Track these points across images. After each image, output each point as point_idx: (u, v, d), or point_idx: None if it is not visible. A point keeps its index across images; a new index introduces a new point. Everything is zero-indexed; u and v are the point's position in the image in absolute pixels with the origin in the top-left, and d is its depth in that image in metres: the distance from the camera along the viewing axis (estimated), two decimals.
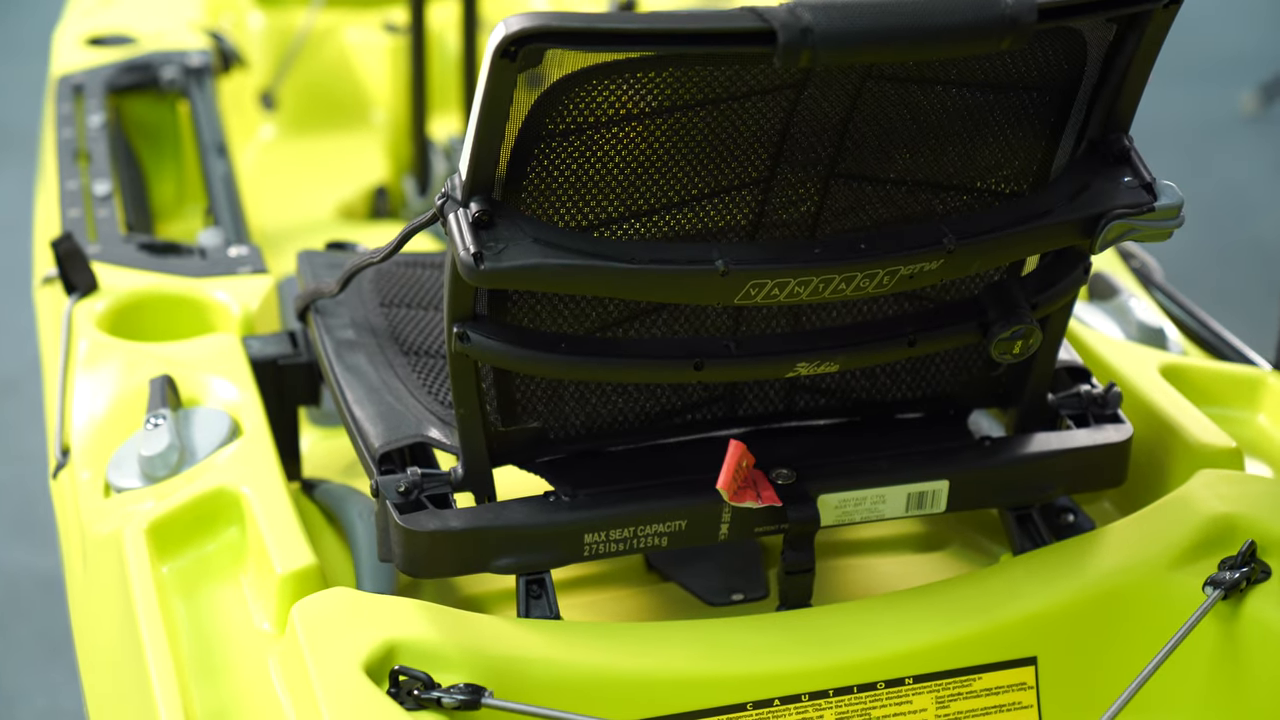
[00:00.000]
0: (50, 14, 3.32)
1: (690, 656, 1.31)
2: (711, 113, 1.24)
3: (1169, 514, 1.43)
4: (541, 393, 1.39)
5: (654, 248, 1.27)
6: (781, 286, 1.27)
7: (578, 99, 1.21)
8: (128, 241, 1.94)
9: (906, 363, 1.46)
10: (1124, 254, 1.96)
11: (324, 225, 2.60)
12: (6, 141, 4.23)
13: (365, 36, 2.99)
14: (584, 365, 1.32)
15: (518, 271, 1.23)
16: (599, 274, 1.25)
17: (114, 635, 1.45)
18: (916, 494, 1.41)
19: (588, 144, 1.24)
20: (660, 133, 1.24)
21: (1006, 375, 1.47)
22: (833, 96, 1.26)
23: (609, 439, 1.41)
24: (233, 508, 1.46)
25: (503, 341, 1.30)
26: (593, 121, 1.23)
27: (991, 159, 1.34)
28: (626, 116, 1.23)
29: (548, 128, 1.23)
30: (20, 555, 2.76)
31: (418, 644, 1.25)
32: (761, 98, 1.24)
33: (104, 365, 1.68)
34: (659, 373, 1.34)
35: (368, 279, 1.65)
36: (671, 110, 1.23)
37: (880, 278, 1.28)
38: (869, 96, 1.26)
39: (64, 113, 2.31)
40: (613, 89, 1.21)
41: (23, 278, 2.91)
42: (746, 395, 1.45)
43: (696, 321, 1.37)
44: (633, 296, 1.31)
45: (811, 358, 1.34)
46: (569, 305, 1.33)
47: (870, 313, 1.39)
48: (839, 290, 1.28)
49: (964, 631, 1.35)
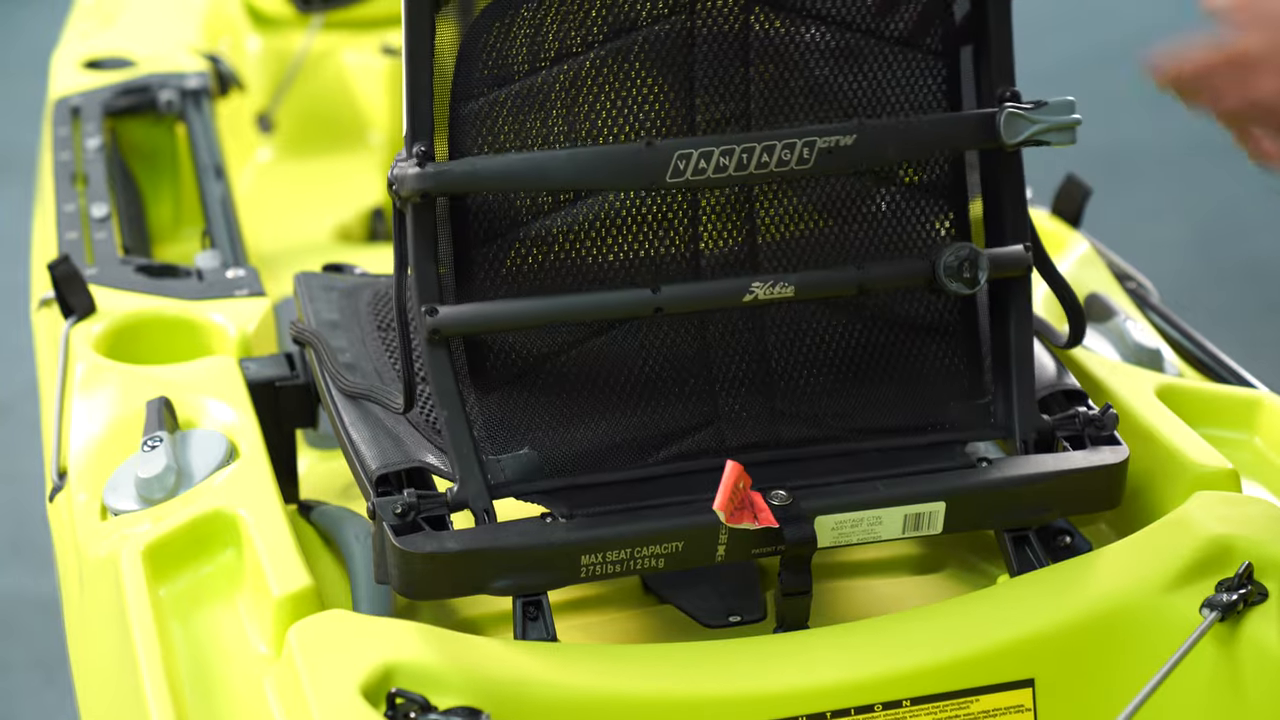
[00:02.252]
0: (47, 36, 3.32)
1: (688, 678, 1.31)
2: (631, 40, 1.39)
3: (1166, 536, 1.43)
4: (526, 411, 1.39)
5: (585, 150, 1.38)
6: (707, 158, 1.37)
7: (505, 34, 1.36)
8: (125, 264, 1.94)
9: (892, 385, 1.47)
10: (1120, 276, 1.96)
11: (321, 247, 2.60)
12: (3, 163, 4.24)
13: (362, 59, 3.00)
14: (548, 306, 1.39)
15: (459, 177, 1.34)
16: (535, 164, 1.36)
17: (111, 657, 1.44)
18: (913, 515, 1.41)
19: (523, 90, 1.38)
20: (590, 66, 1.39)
21: (995, 401, 1.48)
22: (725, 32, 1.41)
23: (599, 468, 1.41)
24: (229, 530, 1.45)
25: (470, 302, 1.37)
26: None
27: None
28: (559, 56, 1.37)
29: (480, 72, 1.36)
30: (15, 578, 2.76)
31: (415, 666, 1.25)
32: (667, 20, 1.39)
33: (101, 388, 1.68)
34: (616, 299, 1.40)
35: (364, 302, 1.65)
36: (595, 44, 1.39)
37: (800, 150, 1.38)
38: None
39: (61, 135, 2.32)
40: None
41: (20, 300, 2.91)
42: (733, 420, 1.45)
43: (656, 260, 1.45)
44: (569, 184, 1.38)
45: (765, 278, 1.41)
46: (523, 241, 1.41)
47: (826, 252, 1.47)
48: (763, 164, 1.38)
49: (961, 653, 1.35)
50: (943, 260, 1.44)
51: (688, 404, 1.45)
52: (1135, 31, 5.19)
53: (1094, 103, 4.85)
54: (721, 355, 1.46)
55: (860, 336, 1.49)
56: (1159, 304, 1.91)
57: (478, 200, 1.40)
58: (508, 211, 1.41)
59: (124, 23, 2.73)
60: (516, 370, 1.42)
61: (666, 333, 1.45)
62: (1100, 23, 5.30)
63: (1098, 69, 4.88)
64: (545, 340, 1.43)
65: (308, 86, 2.98)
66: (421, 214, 1.37)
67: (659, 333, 1.45)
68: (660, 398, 1.44)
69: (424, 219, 1.37)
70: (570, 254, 1.42)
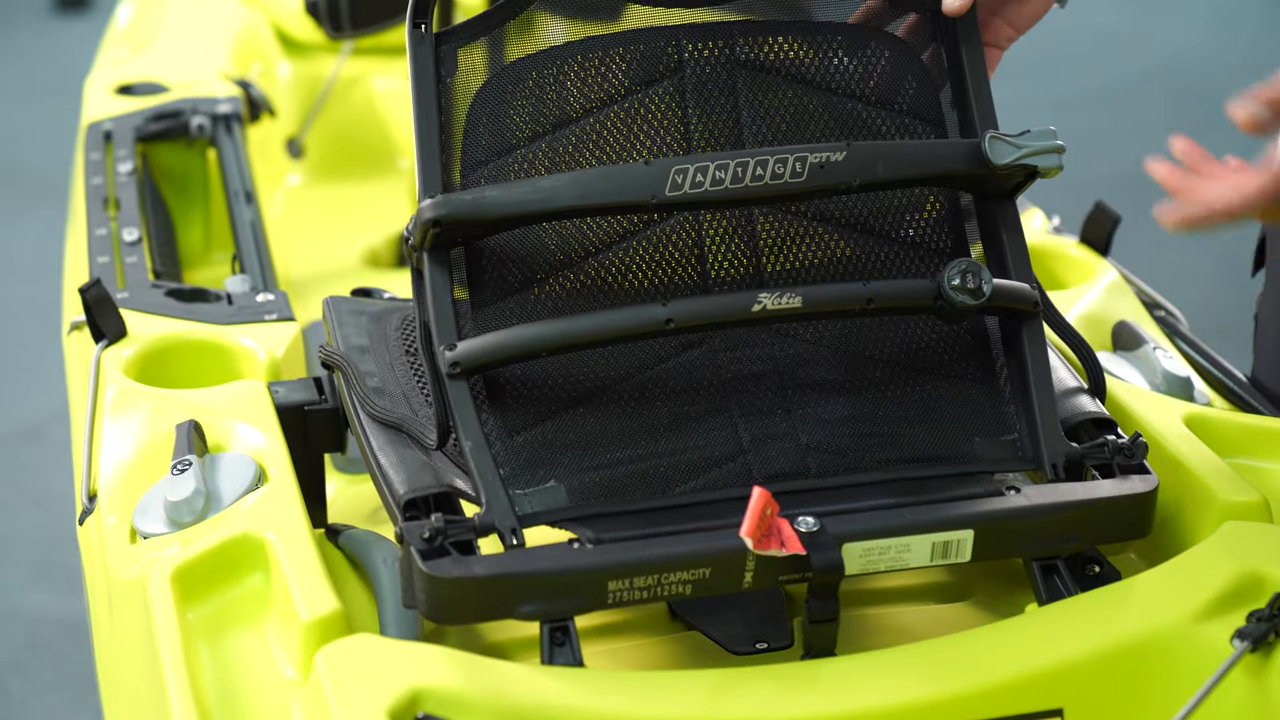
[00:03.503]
0: (80, 61, 3.35)
1: (715, 706, 1.31)
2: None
3: (1196, 566, 1.42)
4: (550, 449, 1.41)
5: (587, 171, 1.46)
6: (703, 172, 1.42)
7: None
8: (156, 288, 1.95)
9: (913, 423, 1.48)
10: (1149, 304, 1.95)
11: (350, 272, 2.61)
12: (36, 188, 4.27)
13: (392, 84, 3.01)
14: (563, 328, 1.42)
15: (467, 205, 1.41)
16: (540, 188, 1.42)
17: (139, 680, 1.45)
18: (942, 543, 1.41)
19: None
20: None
21: (1020, 434, 1.48)
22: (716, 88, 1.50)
23: (625, 499, 1.41)
24: (258, 554, 1.46)
25: (489, 331, 1.42)
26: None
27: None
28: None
29: (484, 140, 1.46)
30: (43, 600, 2.77)
31: (442, 691, 1.25)
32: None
33: (131, 411, 1.69)
34: (630, 317, 1.43)
35: (393, 326, 1.66)
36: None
37: (792, 164, 1.42)
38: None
39: (93, 160, 2.33)
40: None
41: (50, 323, 2.93)
42: (759, 452, 1.45)
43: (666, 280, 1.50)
44: (573, 205, 1.43)
45: (773, 290, 1.44)
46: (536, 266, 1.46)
47: (832, 270, 1.52)
48: (757, 176, 1.42)
49: (990, 682, 1.34)
50: (946, 275, 1.46)
51: (711, 438, 1.46)
52: (1165, 58, 5.18)
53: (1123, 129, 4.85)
54: (739, 390, 1.48)
55: (876, 375, 1.50)
56: (1188, 332, 1.91)
57: (490, 243, 1.45)
58: (519, 249, 1.45)
59: (156, 49, 2.74)
60: (540, 411, 1.44)
61: (684, 367, 1.47)
62: (1130, 50, 5.30)
63: (1127, 95, 4.88)
64: (566, 376, 1.45)
65: (337, 112, 2.99)
66: (437, 254, 1.43)
67: (678, 369, 1.47)
68: (683, 433, 1.45)
69: (439, 258, 1.43)
70: (581, 285, 1.46)
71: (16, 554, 2.86)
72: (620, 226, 1.49)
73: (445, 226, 1.42)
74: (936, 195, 1.54)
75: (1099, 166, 4.05)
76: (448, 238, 1.44)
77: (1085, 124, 4.54)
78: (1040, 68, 5.01)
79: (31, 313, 3.59)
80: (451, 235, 1.44)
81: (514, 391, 1.44)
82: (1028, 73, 4.95)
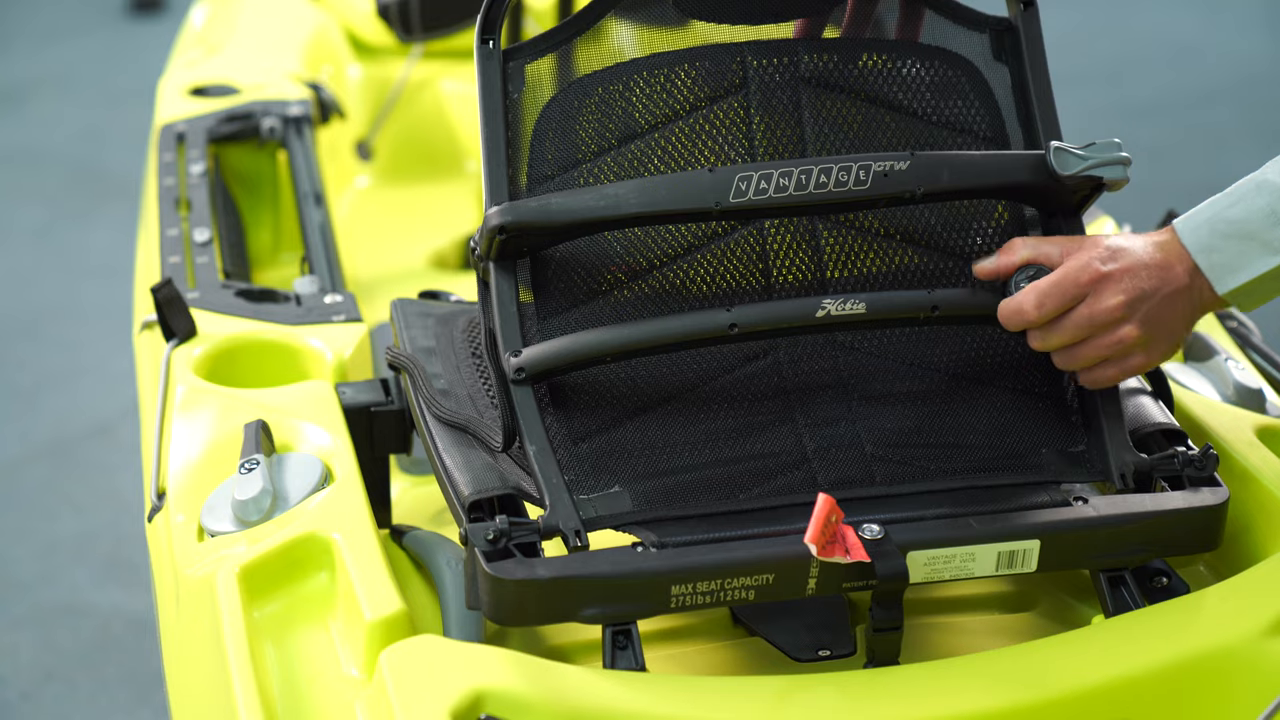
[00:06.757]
0: (154, 63, 3.39)
1: (777, 712, 1.31)
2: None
3: (1266, 580, 1.40)
4: (614, 456, 1.41)
5: (652, 179, 1.46)
6: (766, 179, 1.42)
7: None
8: (225, 288, 1.96)
9: (980, 434, 1.47)
10: (1221, 316, 1.93)
11: (417, 274, 2.63)
12: (110, 188, 4.31)
13: (460, 88, 3.03)
14: (627, 333, 1.43)
15: (534, 210, 1.42)
16: (606, 195, 1.42)
17: (205, 677, 1.46)
18: (1007, 553, 1.40)
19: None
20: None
21: (1089, 445, 1.46)
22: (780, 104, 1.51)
23: (689, 505, 1.41)
24: (323, 553, 1.47)
25: (554, 338, 1.42)
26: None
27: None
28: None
29: (550, 154, 1.47)
30: (112, 596, 2.79)
31: (504, 693, 1.25)
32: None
33: (200, 410, 1.70)
34: (694, 322, 1.43)
35: (459, 329, 1.67)
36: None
37: (856, 172, 1.42)
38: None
39: (166, 161, 2.35)
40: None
41: (121, 322, 2.96)
42: (824, 460, 1.45)
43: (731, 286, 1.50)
44: (638, 211, 1.43)
45: (837, 296, 1.44)
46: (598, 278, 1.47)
47: (895, 279, 1.52)
48: (821, 184, 1.42)
49: (1055, 694, 1.33)
50: (1013, 281, 1.45)
51: (775, 446, 1.46)
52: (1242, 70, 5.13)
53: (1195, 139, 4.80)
54: (803, 400, 1.48)
55: (940, 386, 1.50)
56: (1260, 343, 1.88)
57: (555, 253, 1.45)
58: (585, 259, 1.46)
59: (229, 51, 2.77)
60: (605, 419, 1.44)
61: (749, 378, 1.47)
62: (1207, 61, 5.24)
63: (1201, 106, 4.83)
64: (631, 385, 1.45)
65: (407, 115, 3.01)
66: (503, 263, 1.44)
67: (742, 379, 1.47)
68: (747, 441, 1.45)
69: (505, 268, 1.44)
70: (646, 294, 1.46)
71: (87, 551, 2.89)
72: (686, 239, 1.49)
73: (511, 233, 1.42)
74: (1001, 209, 1.53)
75: (1171, 175, 4.01)
76: (514, 246, 1.44)
77: (1159, 133, 4.51)
78: (1116, 75, 4.98)
79: (103, 312, 3.63)
80: (518, 243, 1.44)
81: (579, 399, 1.44)
82: (1105, 80, 4.92)
